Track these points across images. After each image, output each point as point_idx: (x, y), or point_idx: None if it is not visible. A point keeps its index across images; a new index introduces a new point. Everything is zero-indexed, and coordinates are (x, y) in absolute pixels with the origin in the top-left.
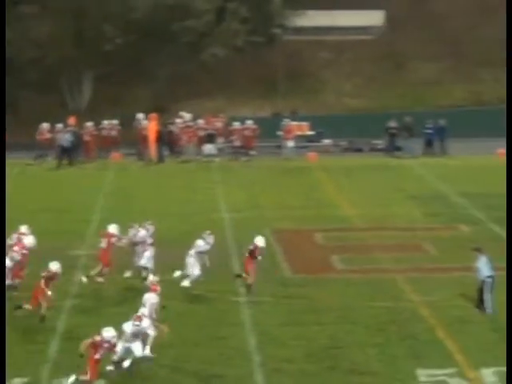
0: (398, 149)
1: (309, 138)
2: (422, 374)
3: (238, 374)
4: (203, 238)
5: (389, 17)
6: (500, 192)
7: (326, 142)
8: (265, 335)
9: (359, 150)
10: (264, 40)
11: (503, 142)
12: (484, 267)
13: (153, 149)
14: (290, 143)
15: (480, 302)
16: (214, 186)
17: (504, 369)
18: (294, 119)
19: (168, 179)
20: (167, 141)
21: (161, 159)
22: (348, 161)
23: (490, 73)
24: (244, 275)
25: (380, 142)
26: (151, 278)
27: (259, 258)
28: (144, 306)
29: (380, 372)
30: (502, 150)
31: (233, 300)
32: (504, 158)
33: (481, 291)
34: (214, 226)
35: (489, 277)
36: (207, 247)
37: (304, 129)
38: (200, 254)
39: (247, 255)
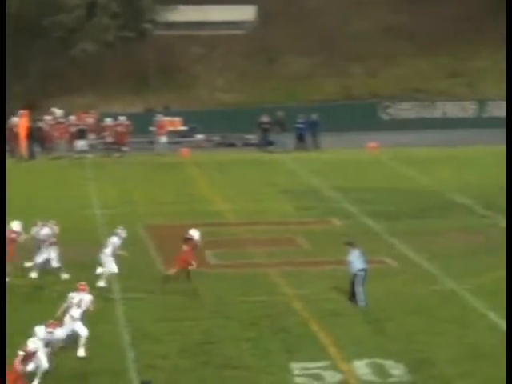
0: (271, 143)
1: (181, 134)
2: (296, 367)
3: (112, 370)
4: (117, 234)
5: (261, 11)
6: (372, 186)
7: (199, 137)
8: (139, 331)
9: (232, 145)
10: (135, 35)
11: (374, 135)
12: (356, 260)
13: (24, 146)
14: (163, 139)
15: (352, 295)
16: (87, 183)
17: (376, 360)
18: (166, 115)
19: (40, 176)
20: (38, 137)
21: (32, 156)
22: (221, 156)
23: (361, 67)
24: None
25: (253, 137)
26: (33, 275)
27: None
28: (79, 306)
29: (253, 366)
30: (373, 144)
31: (108, 297)
32: (375, 152)
33: (353, 284)
34: (87, 223)
35: (361, 270)
36: (120, 242)
37: (176, 124)
38: (116, 250)
39: (186, 247)
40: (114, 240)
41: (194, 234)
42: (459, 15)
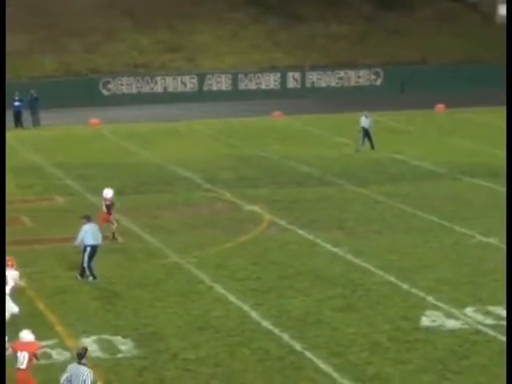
0: None
1: None
2: None
3: None
4: None
5: None
6: (94, 161)
7: None
8: None
9: None
10: None
11: (96, 111)
12: (87, 236)
13: None
14: None
15: (82, 271)
16: None
17: (104, 336)
18: None
19: None
20: None
21: None
22: None
23: (80, 43)
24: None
25: None
26: None
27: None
28: (7, 283)
29: None
30: (95, 120)
31: None
32: (97, 128)
33: (82, 260)
34: None
35: (90, 246)
36: None
37: None
38: None
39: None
40: None
41: (108, 193)
42: None
